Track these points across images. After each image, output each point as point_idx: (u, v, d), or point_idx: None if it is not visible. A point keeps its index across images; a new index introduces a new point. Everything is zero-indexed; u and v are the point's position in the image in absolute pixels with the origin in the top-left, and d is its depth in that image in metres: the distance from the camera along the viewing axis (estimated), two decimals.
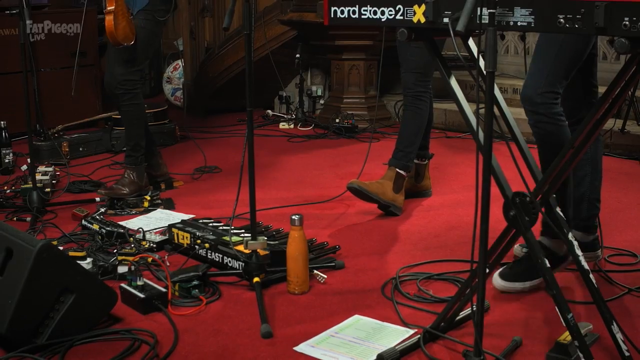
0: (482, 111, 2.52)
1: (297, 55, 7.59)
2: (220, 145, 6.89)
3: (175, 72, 8.69)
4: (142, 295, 3.38)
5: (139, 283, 3.43)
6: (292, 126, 7.62)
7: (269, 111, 8.11)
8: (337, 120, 7.27)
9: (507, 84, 7.46)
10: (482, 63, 2.56)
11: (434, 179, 5.36)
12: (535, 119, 3.45)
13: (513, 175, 2.82)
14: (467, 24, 2.45)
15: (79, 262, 3.70)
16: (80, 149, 6.48)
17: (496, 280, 3.59)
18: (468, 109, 2.93)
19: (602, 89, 3.02)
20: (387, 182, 4.80)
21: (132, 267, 3.48)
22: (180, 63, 8.60)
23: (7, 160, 5.94)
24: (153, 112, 6.78)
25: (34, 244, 3.06)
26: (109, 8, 4.81)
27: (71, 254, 3.82)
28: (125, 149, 5.31)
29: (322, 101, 8.09)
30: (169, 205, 5.03)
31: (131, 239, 4.19)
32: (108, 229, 4.28)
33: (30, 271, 2.98)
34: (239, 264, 3.70)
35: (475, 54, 3.01)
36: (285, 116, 7.88)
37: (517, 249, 4.00)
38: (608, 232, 4.08)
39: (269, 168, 6.00)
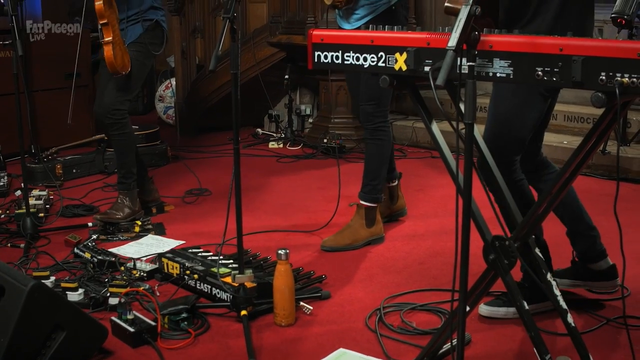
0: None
1: (286, 77, 7.70)
2: (211, 166, 7.00)
3: (167, 91, 8.80)
4: (132, 329, 3.46)
5: (129, 317, 3.51)
6: (281, 145, 7.73)
7: (259, 129, 8.24)
8: (325, 141, 7.37)
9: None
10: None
11: (418, 200, 5.46)
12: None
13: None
14: (447, 77, 2.51)
15: (70, 293, 3.84)
16: (74, 171, 6.57)
17: (481, 307, 3.68)
18: (449, 155, 3.02)
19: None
20: (358, 221, 4.87)
21: (122, 300, 3.57)
22: (172, 82, 8.70)
23: (1, 184, 6.02)
24: (145, 133, 6.88)
25: (25, 282, 3.13)
26: (106, 39, 4.90)
27: (63, 284, 3.93)
28: (117, 174, 5.38)
29: (310, 120, 8.19)
30: (160, 230, 5.12)
31: (122, 267, 4.28)
32: (100, 257, 4.36)
33: (22, 310, 3.05)
34: (227, 295, 3.79)
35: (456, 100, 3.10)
36: (275, 135, 7.98)
37: None
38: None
39: (258, 191, 6.10)
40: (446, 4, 3.36)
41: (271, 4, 7.79)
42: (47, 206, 5.53)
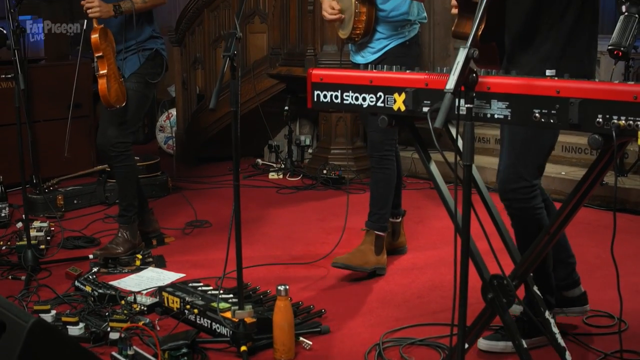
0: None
1: (286, 108, 7.73)
2: (211, 197, 7.04)
3: (167, 121, 8.85)
4: None
5: (130, 352, 3.53)
6: (281, 176, 7.76)
7: (259, 160, 8.28)
8: (325, 172, 7.40)
9: (490, 134, 7.51)
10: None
11: (417, 232, 5.49)
12: (510, 212, 3.50)
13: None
14: (445, 120, 2.54)
15: (71, 327, 3.85)
16: (75, 202, 6.61)
17: (480, 341, 3.68)
18: (447, 193, 3.06)
19: None
20: (368, 246, 4.89)
21: (123, 335, 3.59)
22: (172, 112, 8.75)
23: (2, 214, 6.05)
24: (145, 164, 6.92)
25: (26, 319, 3.14)
26: (101, 72, 4.94)
27: (64, 319, 3.95)
28: (118, 206, 5.41)
29: (310, 150, 8.22)
30: (160, 263, 5.14)
31: (122, 301, 4.30)
32: (100, 291, 4.38)
33: (23, 347, 3.06)
34: (227, 330, 3.81)
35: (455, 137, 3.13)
36: (275, 165, 8.02)
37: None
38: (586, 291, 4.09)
39: (258, 222, 6.12)
40: (454, 29, 3.41)
41: (271, 35, 7.84)
42: (48, 238, 5.56)
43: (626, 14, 6.13)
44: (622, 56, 6.08)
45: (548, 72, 2.75)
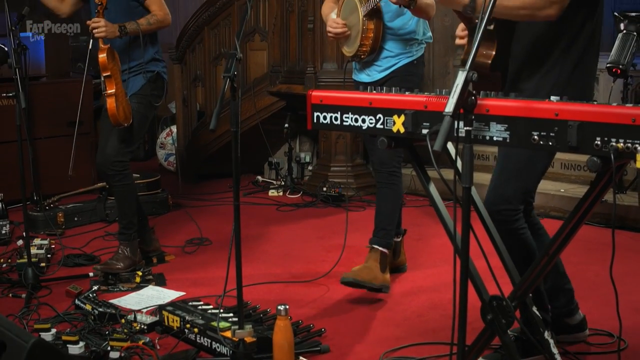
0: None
1: (286, 125, 7.76)
2: (211, 214, 7.06)
3: (168, 138, 8.88)
4: None
5: None
6: (280, 193, 7.78)
7: (259, 177, 8.30)
8: (325, 189, 7.42)
9: (489, 151, 7.55)
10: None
11: (417, 250, 5.50)
12: (497, 231, 3.44)
13: None
14: (444, 143, 2.54)
15: (71, 346, 3.86)
16: (75, 219, 6.62)
17: None
18: (447, 215, 3.07)
19: None
20: (373, 263, 4.88)
21: (123, 354, 3.60)
22: (173, 129, 8.78)
23: (3, 232, 6.07)
24: (146, 182, 6.94)
25: (26, 339, 3.16)
26: (109, 91, 4.95)
27: (64, 337, 3.97)
28: (118, 224, 5.42)
29: (310, 167, 8.24)
30: (160, 281, 5.15)
31: (123, 320, 4.31)
32: (100, 309, 4.39)
33: None
34: (227, 350, 3.82)
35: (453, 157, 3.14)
36: (275, 183, 8.04)
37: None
38: (586, 309, 4.09)
39: (258, 240, 6.14)
40: (464, 57, 3.41)
41: (271, 53, 7.88)
42: (49, 255, 5.57)
43: (624, 31, 6.19)
44: (620, 74, 6.13)
45: (553, 99, 2.77)
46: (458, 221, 2.65)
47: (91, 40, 5.15)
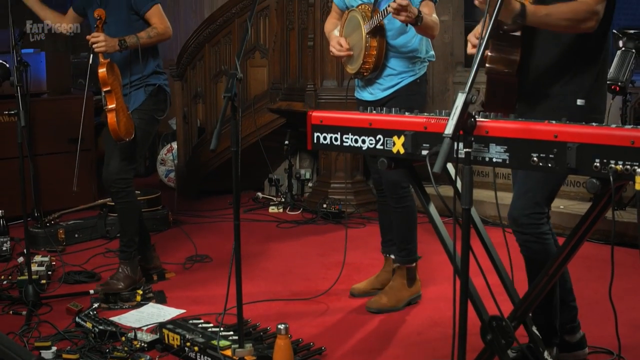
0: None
1: (286, 142, 7.78)
2: (211, 231, 7.07)
3: (169, 155, 8.90)
4: None
5: None
6: (281, 210, 7.79)
7: (259, 193, 8.32)
8: (325, 206, 7.43)
9: (488, 168, 7.53)
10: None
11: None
12: (522, 239, 3.56)
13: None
14: (444, 164, 2.56)
15: None
16: (76, 236, 6.63)
17: None
18: (447, 235, 3.08)
19: None
20: (400, 281, 4.98)
21: None
22: (173, 146, 8.80)
23: (4, 248, 6.08)
24: (146, 198, 6.95)
25: (27, 358, 3.17)
26: (110, 106, 4.94)
27: (65, 355, 3.98)
28: (119, 242, 5.43)
29: (310, 184, 8.26)
30: (161, 299, 5.16)
31: (123, 338, 4.32)
32: (101, 327, 4.40)
33: None
34: None
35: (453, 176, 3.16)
36: (275, 199, 8.06)
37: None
38: (585, 327, 4.06)
39: (258, 258, 6.14)
40: (489, 64, 3.43)
41: (271, 70, 7.91)
42: (49, 272, 5.58)
43: (623, 49, 6.23)
44: (619, 91, 6.16)
45: (579, 102, 2.80)
46: (458, 239, 2.67)
47: (91, 56, 5.15)
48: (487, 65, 3.38)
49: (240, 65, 3.65)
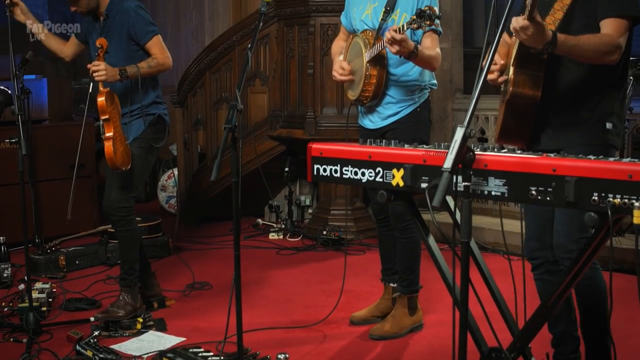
0: None
1: (286, 169, 7.82)
2: (211, 258, 7.09)
3: (169, 181, 8.94)
4: None
5: None
6: (281, 236, 7.81)
7: (259, 220, 8.35)
8: (325, 233, 7.45)
9: None
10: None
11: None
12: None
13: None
14: (443, 198, 2.57)
15: None
16: (77, 262, 6.65)
17: None
18: (446, 268, 3.10)
19: None
20: (402, 310, 5.00)
21: None
22: (174, 172, 8.83)
23: (5, 275, 6.10)
24: (147, 225, 6.98)
25: None
26: (107, 135, 4.95)
27: None
28: (119, 269, 5.44)
29: (310, 210, 8.28)
30: (161, 326, 5.16)
31: None
32: (101, 355, 4.41)
33: None
34: None
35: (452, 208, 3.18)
36: (275, 226, 8.08)
37: None
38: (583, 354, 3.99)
39: (258, 285, 6.15)
40: (512, 89, 3.44)
41: (271, 97, 7.96)
42: (50, 300, 5.58)
43: None
44: None
45: (608, 126, 2.81)
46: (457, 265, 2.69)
47: (91, 84, 5.18)
48: (510, 88, 3.39)
49: (241, 91, 3.67)
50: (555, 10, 3.40)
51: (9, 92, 6.75)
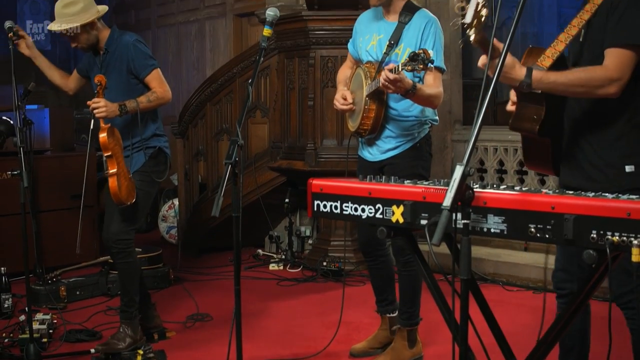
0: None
1: (286, 200, 7.85)
2: (212, 288, 7.11)
3: (170, 211, 8.97)
4: None
5: None
6: (281, 267, 7.83)
7: (260, 250, 8.36)
8: (325, 264, 7.47)
9: None
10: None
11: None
12: (629, 314, 3.54)
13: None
14: (442, 236, 2.57)
15: None
16: (78, 293, 6.66)
17: None
18: (447, 306, 3.12)
19: None
20: (401, 342, 4.99)
21: None
22: (175, 202, 8.86)
23: (6, 305, 6.11)
24: (147, 256, 7.00)
25: None
26: (111, 171, 4.98)
27: None
28: (120, 301, 5.46)
29: (310, 241, 8.30)
30: (162, 358, 5.15)
31: None
32: None
33: None
34: None
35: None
36: (275, 256, 8.10)
37: None
38: None
39: (259, 316, 6.16)
40: (511, 122, 3.42)
41: (272, 128, 8.01)
42: (51, 331, 5.59)
43: None
44: None
45: (628, 169, 2.83)
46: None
47: (92, 120, 5.20)
48: (510, 121, 3.36)
49: (241, 126, 3.70)
50: (559, 41, 3.26)
51: (11, 122, 6.79)
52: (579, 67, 3.26)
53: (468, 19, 2.90)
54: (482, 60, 3.11)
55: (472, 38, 2.95)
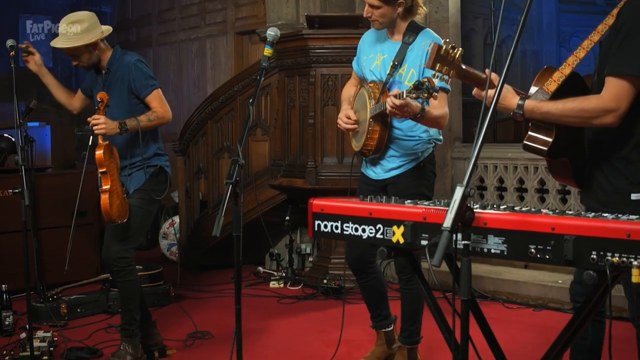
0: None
1: (287, 218, 7.86)
2: (212, 306, 7.10)
3: (171, 229, 8.98)
4: None
5: None
6: (282, 285, 7.83)
7: (260, 268, 8.37)
8: (325, 281, 7.47)
9: None
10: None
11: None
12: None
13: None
14: (442, 257, 2.58)
15: None
16: (78, 310, 6.67)
17: None
18: (447, 326, 3.12)
19: None
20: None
21: None
22: (175, 219, 8.88)
23: (6, 323, 6.11)
24: (148, 274, 7.01)
25: None
26: (104, 187, 4.99)
27: None
28: (120, 319, 5.46)
29: (311, 259, 8.31)
30: None
31: None
32: None
33: None
34: None
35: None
36: (276, 274, 8.10)
37: None
38: None
39: (259, 334, 6.16)
40: (525, 142, 3.41)
41: (272, 146, 8.05)
42: (51, 348, 5.58)
43: None
44: None
45: (634, 197, 2.83)
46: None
47: (91, 137, 5.22)
48: (523, 141, 3.35)
49: (242, 156, 3.72)
50: (567, 65, 3.25)
51: (13, 140, 6.80)
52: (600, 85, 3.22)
53: (429, 64, 3.00)
54: (476, 90, 3.14)
55: (446, 78, 3.01)
